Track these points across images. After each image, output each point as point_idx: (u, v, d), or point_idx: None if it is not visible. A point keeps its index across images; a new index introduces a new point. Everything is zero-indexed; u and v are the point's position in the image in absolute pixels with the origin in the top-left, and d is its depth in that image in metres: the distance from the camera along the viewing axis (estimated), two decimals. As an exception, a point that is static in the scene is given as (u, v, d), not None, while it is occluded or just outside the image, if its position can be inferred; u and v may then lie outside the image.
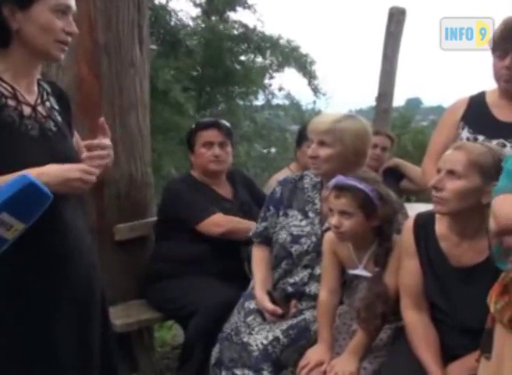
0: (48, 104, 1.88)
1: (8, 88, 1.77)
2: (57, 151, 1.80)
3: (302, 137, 3.57)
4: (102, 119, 1.88)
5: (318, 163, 2.46)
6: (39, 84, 1.88)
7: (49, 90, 1.92)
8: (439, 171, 2.01)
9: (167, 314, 3.07)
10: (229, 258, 3.04)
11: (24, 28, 1.75)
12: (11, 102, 1.76)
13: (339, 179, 2.23)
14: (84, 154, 1.81)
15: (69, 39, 1.82)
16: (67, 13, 1.80)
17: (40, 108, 1.84)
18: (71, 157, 1.81)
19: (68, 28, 1.79)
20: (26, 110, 1.79)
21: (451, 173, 1.96)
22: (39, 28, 1.75)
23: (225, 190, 3.21)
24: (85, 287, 1.92)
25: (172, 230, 3.07)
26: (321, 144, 2.44)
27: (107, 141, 1.86)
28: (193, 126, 3.31)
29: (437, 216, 2.10)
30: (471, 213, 1.98)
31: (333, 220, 2.22)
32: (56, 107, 1.91)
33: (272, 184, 3.22)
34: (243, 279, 2.98)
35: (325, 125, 2.44)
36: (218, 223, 2.99)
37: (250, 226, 2.87)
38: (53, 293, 1.82)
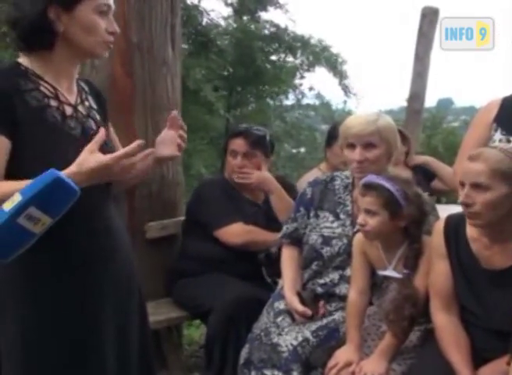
0: (86, 103, 1.91)
1: (50, 89, 1.79)
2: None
3: (332, 138, 3.55)
4: (175, 112, 2.01)
5: (366, 166, 2.41)
6: (77, 84, 1.91)
7: (87, 89, 1.95)
8: (462, 185, 1.97)
9: (189, 312, 3.10)
10: (250, 260, 3.05)
11: (69, 29, 1.77)
12: (53, 103, 1.79)
13: (369, 177, 2.22)
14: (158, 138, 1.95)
15: (112, 38, 1.84)
16: (108, 13, 1.82)
17: (80, 108, 1.87)
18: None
19: (110, 28, 1.82)
20: (68, 110, 1.82)
21: (476, 186, 1.93)
22: (84, 29, 1.77)
23: (256, 195, 3.20)
24: (124, 285, 1.95)
25: (197, 229, 3.09)
26: (368, 146, 2.41)
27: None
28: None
29: None
30: (505, 218, 1.95)
31: (359, 218, 2.22)
32: (94, 106, 1.94)
33: (302, 185, 3.21)
34: (262, 280, 2.99)
35: (369, 126, 2.41)
36: (235, 233, 3.00)
37: (271, 238, 2.92)
38: (92, 290, 1.86)
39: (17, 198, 1.59)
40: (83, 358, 1.83)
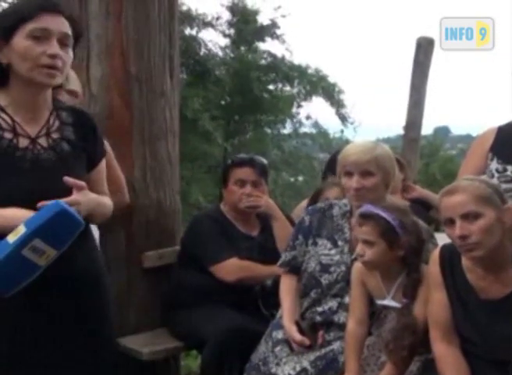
0: (55, 135, 1.88)
1: (8, 121, 1.80)
2: (49, 183, 1.79)
3: (330, 166, 3.56)
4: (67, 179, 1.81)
5: (364, 193, 2.42)
6: (56, 114, 1.90)
7: (69, 120, 1.93)
8: (450, 222, 1.97)
9: (185, 342, 3.06)
10: (246, 292, 3.03)
11: (11, 60, 1.79)
12: (8, 135, 1.79)
13: (365, 207, 2.23)
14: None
15: (57, 62, 1.79)
16: (48, 37, 1.79)
17: (41, 140, 1.85)
18: (66, 189, 1.77)
19: (49, 50, 1.78)
20: (23, 142, 1.82)
21: (466, 216, 1.93)
22: (19, 57, 1.78)
23: (251, 226, 3.19)
24: (83, 321, 1.91)
25: (192, 261, 3.08)
26: (365, 174, 2.42)
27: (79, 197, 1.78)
28: (229, 161, 3.32)
29: None
30: (496, 248, 1.95)
31: (357, 249, 2.23)
32: (72, 137, 1.91)
33: (299, 211, 3.21)
34: (258, 311, 2.98)
35: (366, 155, 2.43)
36: (230, 270, 2.97)
37: (266, 272, 2.94)
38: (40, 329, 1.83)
39: (21, 230, 1.58)
40: None
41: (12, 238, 1.58)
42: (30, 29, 1.77)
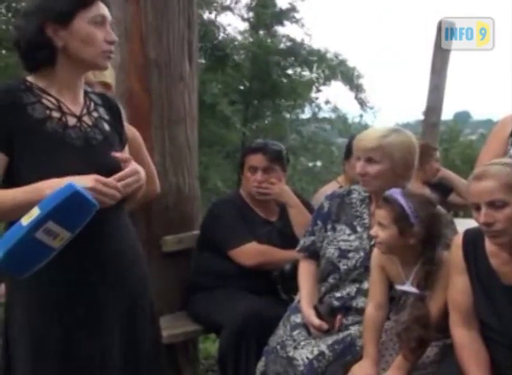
0: (95, 114, 1.93)
1: (53, 101, 1.84)
2: (101, 159, 1.84)
3: (350, 150, 3.55)
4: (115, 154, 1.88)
5: (368, 180, 2.44)
6: (87, 96, 1.95)
7: (99, 101, 1.98)
8: (477, 207, 1.95)
9: (203, 326, 3.10)
10: (265, 276, 3.05)
11: (69, 44, 1.81)
12: (55, 114, 1.83)
13: (390, 191, 2.22)
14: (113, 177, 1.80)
15: (112, 47, 1.87)
16: (104, 23, 1.85)
17: (85, 119, 1.89)
18: (115, 166, 1.84)
19: (108, 37, 1.85)
20: (71, 121, 1.86)
21: (492, 204, 1.90)
22: (83, 41, 1.81)
23: (270, 211, 3.20)
24: (130, 298, 1.94)
25: (211, 245, 3.10)
26: (369, 160, 2.43)
27: (132, 167, 1.85)
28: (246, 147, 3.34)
29: None
30: None
31: (372, 230, 2.24)
32: (106, 117, 1.96)
33: (319, 197, 3.20)
34: (277, 296, 2.99)
35: (372, 142, 2.43)
36: (249, 255, 2.99)
37: (285, 257, 2.94)
38: (94, 302, 1.86)
39: (35, 212, 1.59)
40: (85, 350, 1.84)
41: (25, 221, 1.59)
42: (92, 15, 1.82)
